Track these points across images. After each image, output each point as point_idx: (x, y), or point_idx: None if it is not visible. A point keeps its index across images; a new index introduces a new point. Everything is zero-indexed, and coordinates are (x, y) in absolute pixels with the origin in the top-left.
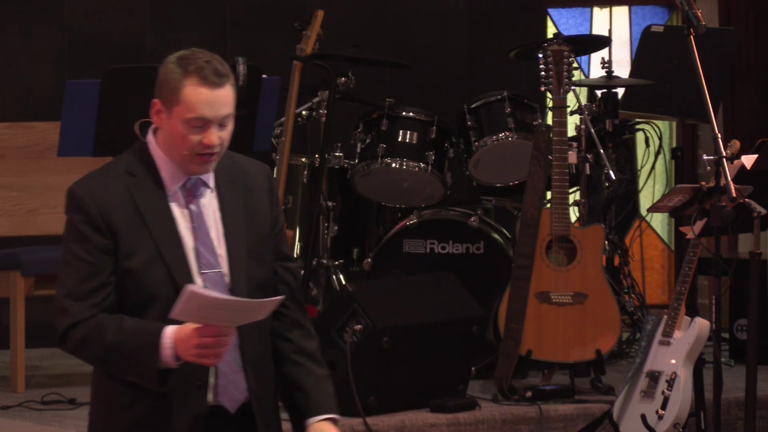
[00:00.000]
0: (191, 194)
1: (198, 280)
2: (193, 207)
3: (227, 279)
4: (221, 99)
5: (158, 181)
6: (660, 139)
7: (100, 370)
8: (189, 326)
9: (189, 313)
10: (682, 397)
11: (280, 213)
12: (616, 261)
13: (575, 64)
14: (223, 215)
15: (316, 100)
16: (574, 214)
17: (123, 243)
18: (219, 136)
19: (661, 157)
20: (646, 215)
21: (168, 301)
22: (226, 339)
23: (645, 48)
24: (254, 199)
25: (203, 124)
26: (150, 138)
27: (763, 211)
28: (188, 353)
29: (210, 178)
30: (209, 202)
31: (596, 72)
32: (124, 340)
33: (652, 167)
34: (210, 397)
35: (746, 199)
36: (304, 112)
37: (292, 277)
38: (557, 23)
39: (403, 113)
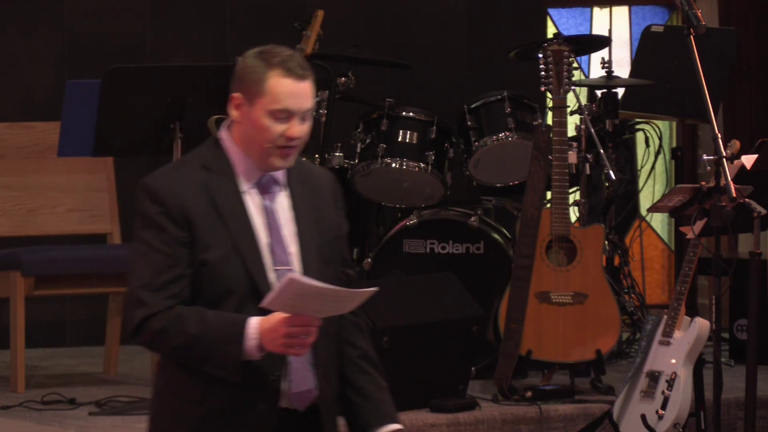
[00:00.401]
0: (265, 191)
1: (272, 276)
2: (267, 203)
3: None
4: (305, 92)
5: (233, 177)
6: (660, 139)
7: (167, 364)
8: (276, 316)
9: (283, 301)
10: (682, 397)
11: (344, 219)
12: (616, 261)
13: (575, 64)
14: (294, 214)
15: (316, 100)
16: (574, 214)
17: (199, 236)
18: (300, 129)
19: (661, 157)
20: (646, 215)
21: (242, 295)
22: (313, 329)
23: (645, 48)
24: (322, 202)
25: (287, 116)
26: (224, 134)
27: (763, 211)
28: (276, 342)
29: (282, 177)
30: (281, 201)
31: (596, 72)
32: (207, 330)
33: (652, 167)
34: (282, 394)
35: (746, 199)
36: None
37: (352, 283)
38: (557, 23)
39: (403, 113)
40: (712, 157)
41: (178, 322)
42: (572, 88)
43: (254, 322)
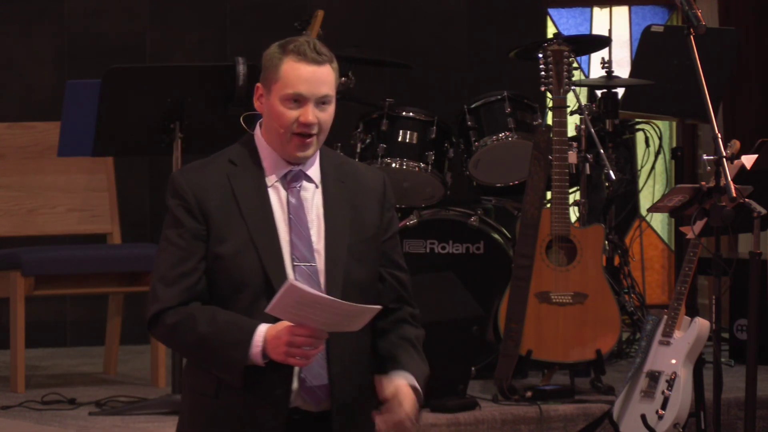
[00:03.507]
0: (292, 186)
1: (290, 271)
2: (292, 199)
3: (322, 275)
4: (319, 77)
5: (259, 171)
6: (660, 139)
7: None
8: (283, 324)
9: (285, 308)
10: (682, 397)
11: (394, 221)
12: (616, 261)
13: (575, 64)
14: (326, 211)
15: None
16: (574, 214)
17: (215, 228)
18: (316, 116)
19: (661, 157)
20: (646, 215)
21: (257, 289)
22: (318, 342)
23: (645, 48)
24: (363, 202)
25: (299, 99)
26: (256, 129)
27: (763, 211)
28: (278, 350)
29: (315, 173)
30: (312, 197)
31: (596, 72)
32: (217, 332)
33: (652, 167)
34: (294, 394)
35: (746, 199)
36: None
37: (399, 285)
38: (557, 23)
39: (403, 113)
40: (712, 157)
41: (190, 320)
42: (572, 88)
43: (262, 329)
